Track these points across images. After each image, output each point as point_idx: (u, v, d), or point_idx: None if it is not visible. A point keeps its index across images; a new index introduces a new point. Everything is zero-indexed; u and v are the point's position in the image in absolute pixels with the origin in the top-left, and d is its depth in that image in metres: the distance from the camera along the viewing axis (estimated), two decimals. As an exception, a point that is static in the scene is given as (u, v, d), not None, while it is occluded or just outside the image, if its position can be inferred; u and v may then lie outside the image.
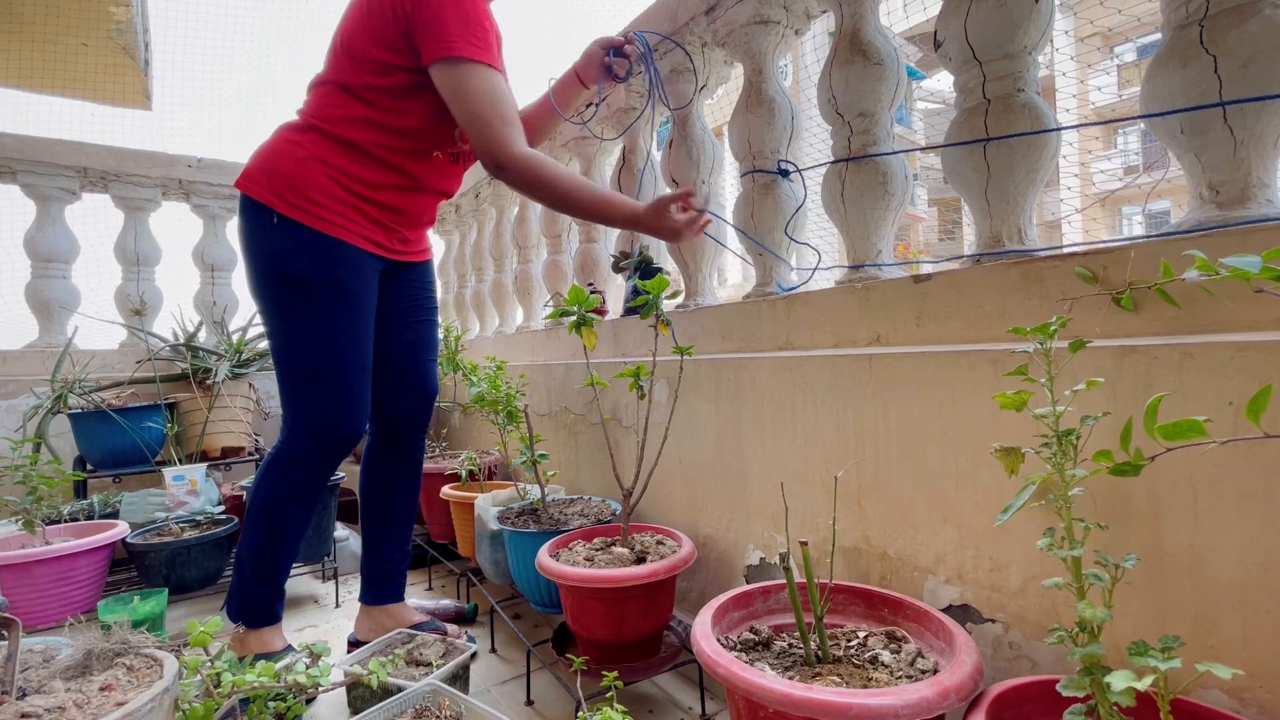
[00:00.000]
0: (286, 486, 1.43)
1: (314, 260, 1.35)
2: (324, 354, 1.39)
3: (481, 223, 3.13)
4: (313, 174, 1.34)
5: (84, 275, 2.84)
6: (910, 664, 0.88)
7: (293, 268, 1.35)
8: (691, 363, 1.50)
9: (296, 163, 1.35)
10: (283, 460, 1.43)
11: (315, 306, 1.37)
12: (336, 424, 1.41)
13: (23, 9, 2.66)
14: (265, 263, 1.38)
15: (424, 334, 1.66)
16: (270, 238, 1.36)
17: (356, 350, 1.42)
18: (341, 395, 1.41)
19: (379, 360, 1.58)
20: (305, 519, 1.47)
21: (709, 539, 1.49)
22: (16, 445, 1.83)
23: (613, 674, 1.04)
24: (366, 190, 1.39)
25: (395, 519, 1.64)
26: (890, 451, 1.09)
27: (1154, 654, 0.60)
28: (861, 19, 1.26)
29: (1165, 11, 0.89)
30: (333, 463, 1.45)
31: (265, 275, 1.39)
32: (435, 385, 1.69)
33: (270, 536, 1.43)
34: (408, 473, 1.66)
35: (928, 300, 1.09)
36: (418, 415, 1.65)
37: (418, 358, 1.64)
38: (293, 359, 1.40)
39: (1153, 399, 0.59)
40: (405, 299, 1.61)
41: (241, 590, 1.43)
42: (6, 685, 0.78)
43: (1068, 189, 9.62)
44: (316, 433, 1.41)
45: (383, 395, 1.60)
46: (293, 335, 1.39)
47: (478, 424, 2.64)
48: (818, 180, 1.39)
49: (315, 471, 1.44)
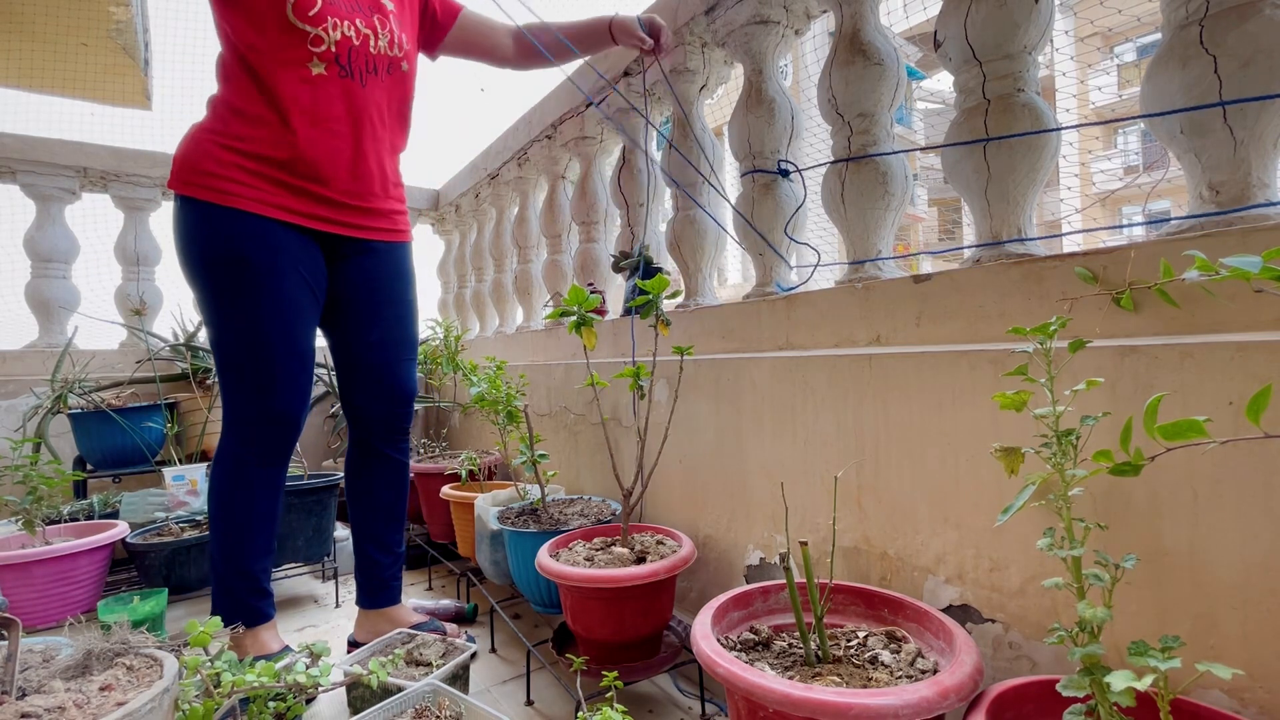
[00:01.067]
0: (234, 480, 1.39)
1: (215, 236, 1.30)
2: (242, 337, 1.33)
3: (481, 223, 3.13)
4: (206, 146, 1.30)
5: (84, 275, 2.84)
6: (910, 664, 0.88)
7: (200, 250, 1.31)
8: (691, 363, 1.50)
9: (190, 141, 1.32)
10: (224, 453, 1.39)
11: (228, 288, 1.32)
12: (265, 409, 1.36)
13: (23, 9, 2.65)
14: (179, 251, 1.34)
15: (394, 331, 1.54)
16: (179, 224, 1.33)
17: (281, 335, 1.34)
18: (267, 379, 1.35)
19: (344, 359, 1.52)
20: (266, 509, 1.42)
21: (709, 539, 1.49)
22: (16, 445, 1.84)
23: (613, 674, 1.04)
24: (244, 144, 1.29)
25: (382, 523, 1.60)
26: (890, 451, 1.09)
27: (1154, 654, 0.60)
28: (861, 19, 1.26)
29: (1165, 11, 0.89)
30: (276, 449, 1.40)
31: (182, 263, 1.35)
32: (411, 386, 1.59)
33: (232, 531, 1.39)
34: (390, 476, 1.60)
35: (928, 300, 1.09)
36: (393, 418, 1.57)
37: (388, 357, 1.53)
38: (218, 346, 1.35)
39: (1153, 399, 0.59)
40: (369, 289, 1.50)
41: (222, 592, 1.40)
42: (6, 685, 0.78)
43: (1068, 189, 9.61)
44: (248, 421, 1.36)
45: (353, 397, 1.54)
46: (215, 321, 1.34)
47: (478, 424, 2.64)
48: (818, 180, 1.39)
49: (258, 459, 1.39)
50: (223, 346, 1.35)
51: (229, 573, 1.40)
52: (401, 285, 1.55)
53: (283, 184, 1.33)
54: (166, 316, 2.95)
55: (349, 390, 1.55)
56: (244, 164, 1.30)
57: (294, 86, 1.29)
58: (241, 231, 1.30)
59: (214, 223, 1.30)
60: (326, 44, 1.30)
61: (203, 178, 1.29)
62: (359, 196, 1.42)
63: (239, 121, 1.30)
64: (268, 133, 1.30)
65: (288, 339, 1.36)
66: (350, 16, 1.33)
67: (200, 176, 1.29)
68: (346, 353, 1.53)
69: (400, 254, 1.55)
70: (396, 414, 1.58)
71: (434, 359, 2.85)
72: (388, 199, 1.49)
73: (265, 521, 1.43)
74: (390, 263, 1.52)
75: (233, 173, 1.29)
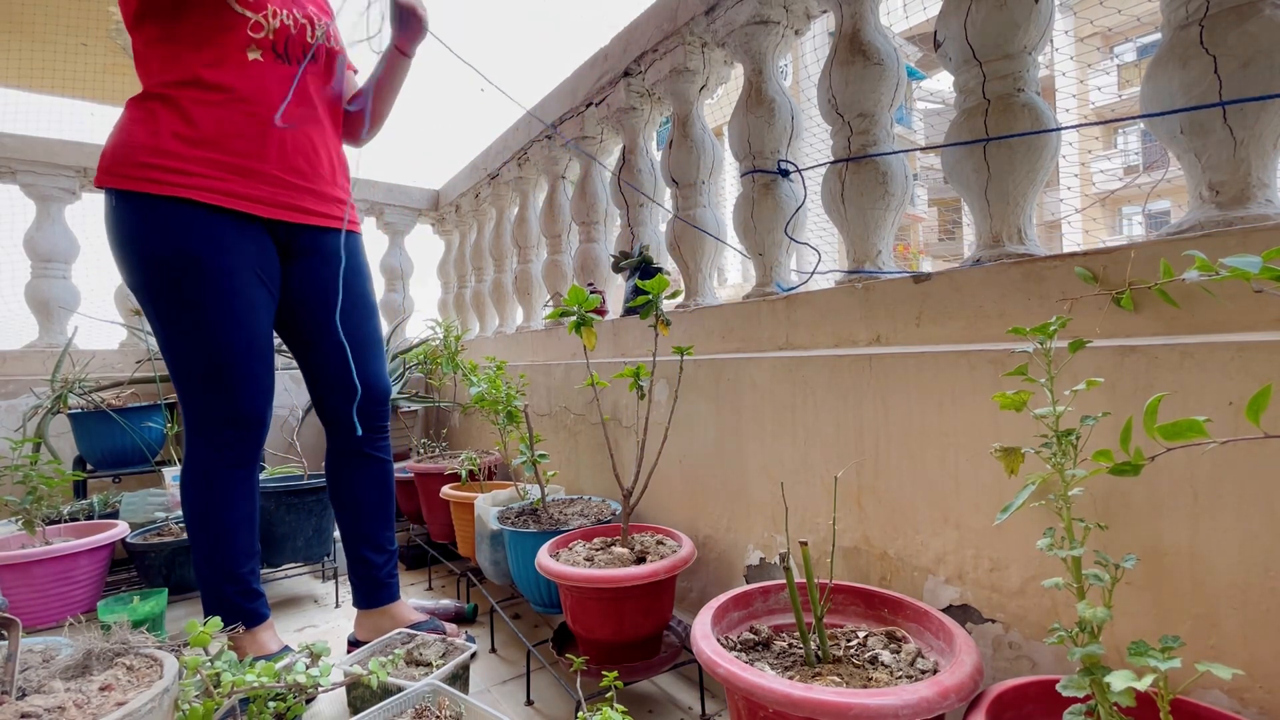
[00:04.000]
0: (205, 488, 1.35)
1: (161, 233, 1.23)
2: (200, 342, 1.27)
3: (481, 223, 3.13)
4: (138, 136, 1.24)
5: (84, 275, 2.84)
6: (910, 664, 0.88)
7: (141, 247, 1.25)
8: (691, 363, 1.50)
9: (119, 132, 1.26)
10: (192, 460, 1.35)
11: (178, 288, 1.25)
12: (231, 413, 1.32)
13: (23, 9, 2.66)
14: (116, 250, 1.28)
15: (359, 329, 1.50)
16: (113, 221, 1.26)
17: (237, 332, 1.29)
18: (231, 382, 1.30)
19: (310, 362, 1.49)
20: (244, 512, 1.39)
21: (709, 539, 1.49)
22: (16, 445, 1.84)
23: (613, 674, 1.04)
24: (181, 125, 1.23)
25: (370, 523, 1.57)
26: (890, 451, 1.09)
27: (1154, 654, 0.60)
28: (861, 19, 1.26)
29: (1165, 11, 0.89)
30: (243, 450, 1.36)
31: (121, 264, 1.28)
32: (384, 383, 1.56)
33: (212, 539, 1.37)
34: (372, 475, 1.57)
35: (928, 300, 1.09)
36: (369, 419, 1.53)
37: (357, 357, 1.48)
38: (172, 350, 1.30)
39: (1153, 399, 0.59)
40: (325, 284, 1.44)
41: (212, 597, 1.38)
42: (6, 685, 0.78)
43: (1068, 189, 9.62)
44: (211, 424, 1.32)
45: (325, 401, 1.51)
46: (165, 325, 1.28)
47: (478, 424, 2.64)
48: (818, 180, 1.39)
49: (228, 462, 1.35)
50: (178, 352, 1.29)
51: (216, 578, 1.38)
52: (360, 280, 1.52)
53: (221, 164, 1.27)
54: (166, 316, 2.95)
55: (320, 394, 1.51)
56: (179, 149, 1.23)
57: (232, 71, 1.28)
58: (188, 225, 1.24)
59: (153, 216, 1.23)
60: (265, 31, 1.31)
61: (135, 168, 1.22)
62: (302, 175, 1.37)
63: (170, 99, 1.24)
64: (206, 113, 1.25)
65: (248, 340, 1.32)
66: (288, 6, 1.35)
67: (133, 168, 1.23)
68: (312, 356, 1.49)
69: (354, 246, 1.52)
70: (373, 414, 1.55)
71: (434, 359, 2.85)
72: (335, 186, 1.46)
73: (245, 524, 1.40)
74: (346, 257, 1.47)
75: (169, 161, 1.23)
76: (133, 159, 1.23)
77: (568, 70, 2.25)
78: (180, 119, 1.25)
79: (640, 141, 1.97)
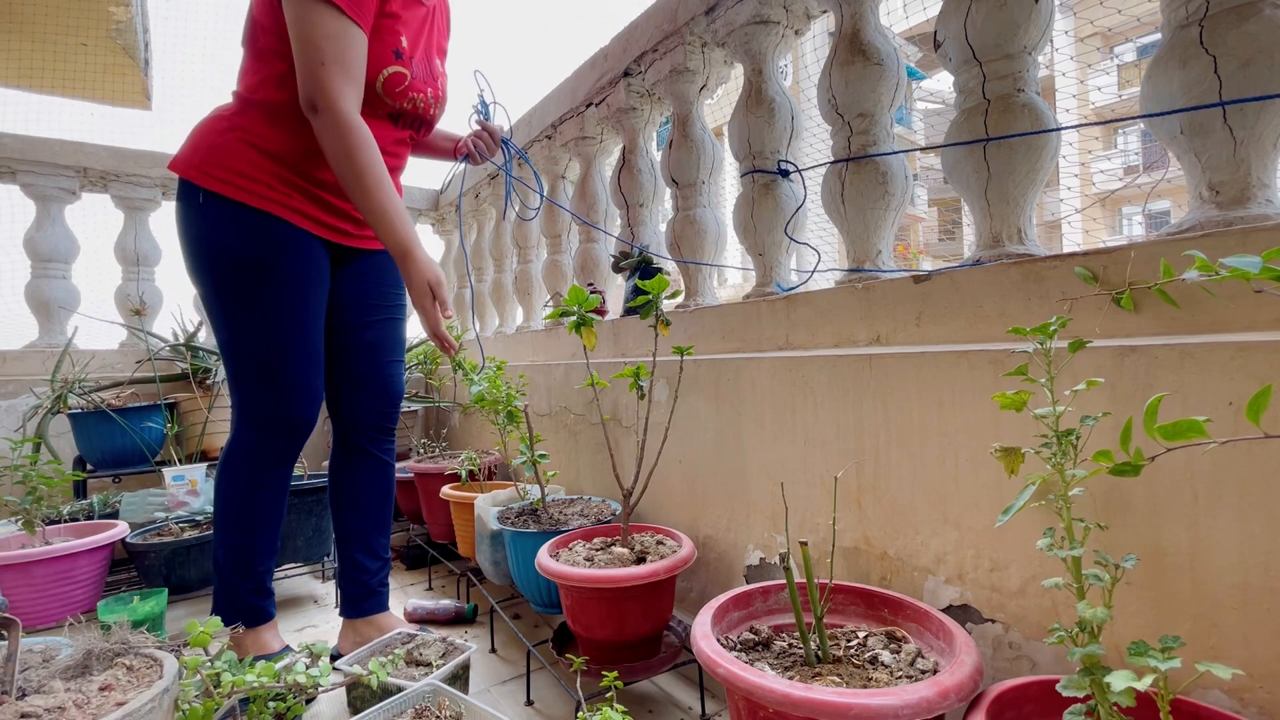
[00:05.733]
0: (243, 479, 1.39)
1: (247, 240, 1.28)
2: (265, 344, 1.32)
3: (481, 223, 3.13)
4: (236, 145, 1.28)
5: (84, 275, 2.84)
6: (910, 664, 0.88)
7: (225, 249, 1.29)
8: (691, 363, 1.50)
9: (218, 135, 1.29)
10: (235, 453, 1.39)
11: (253, 293, 1.30)
12: (283, 414, 1.36)
13: (23, 9, 2.66)
14: (195, 245, 1.32)
15: (386, 333, 1.57)
16: (199, 217, 1.30)
17: (302, 341, 1.36)
18: (287, 385, 1.35)
19: (336, 360, 1.51)
20: (273, 510, 1.43)
21: (709, 539, 1.49)
22: (16, 445, 1.84)
23: (613, 674, 1.04)
24: (292, 157, 1.30)
25: (368, 526, 1.57)
26: (890, 451, 1.09)
27: (1154, 654, 0.60)
28: (861, 19, 1.26)
29: (1165, 11, 0.89)
30: (288, 451, 1.41)
31: (198, 258, 1.32)
32: (399, 387, 1.61)
33: (238, 532, 1.39)
34: (376, 477, 1.59)
35: (928, 300, 1.09)
36: (381, 419, 1.58)
37: (380, 359, 1.55)
38: (234, 348, 1.34)
39: (1153, 399, 0.59)
40: (365, 293, 1.52)
41: (225, 592, 1.40)
42: (6, 685, 0.78)
43: (1068, 189, 9.62)
44: (262, 423, 1.36)
45: (341, 398, 1.54)
46: (232, 323, 1.33)
47: (478, 424, 2.64)
48: (818, 180, 1.39)
49: (269, 461, 1.39)
50: (242, 350, 1.34)
51: (234, 574, 1.40)
52: (392, 289, 1.59)
53: (319, 201, 1.36)
54: (166, 317, 2.96)
55: (337, 391, 1.54)
56: (286, 175, 1.31)
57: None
58: (276, 238, 1.31)
59: (246, 225, 1.29)
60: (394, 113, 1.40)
61: (234, 177, 1.27)
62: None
63: (289, 133, 1.29)
64: (303, 144, 1.30)
65: (311, 348, 1.38)
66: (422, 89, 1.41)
67: (232, 175, 1.27)
68: (338, 354, 1.52)
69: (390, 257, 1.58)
70: (385, 415, 1.59)
71: (434, 359, 2.85)
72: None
73: (273, 522, 1.44)
74: (382, 264, 1.55)
75: (270, 179, 1.29)
76: (230, 165, 1.28)
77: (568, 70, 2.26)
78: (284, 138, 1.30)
79: (640, 141, 1.97)
